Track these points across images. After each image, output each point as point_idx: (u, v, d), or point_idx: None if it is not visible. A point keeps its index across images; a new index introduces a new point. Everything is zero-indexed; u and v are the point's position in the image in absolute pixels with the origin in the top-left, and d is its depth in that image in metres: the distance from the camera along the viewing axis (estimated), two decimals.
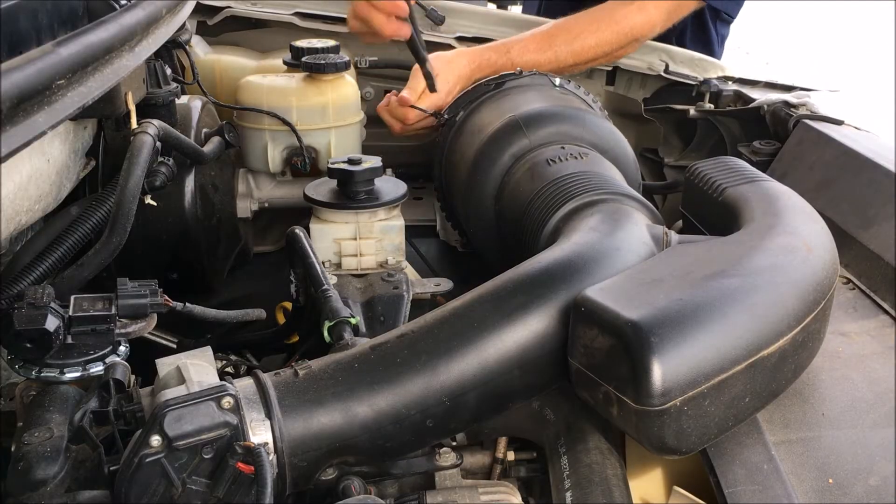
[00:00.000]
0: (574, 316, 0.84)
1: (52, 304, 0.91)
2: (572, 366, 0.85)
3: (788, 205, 1.01)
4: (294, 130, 1.54)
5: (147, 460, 0.74)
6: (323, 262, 1.25)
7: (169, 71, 1.41)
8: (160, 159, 1.24)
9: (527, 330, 0.87)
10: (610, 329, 0.80)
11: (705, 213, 1.11)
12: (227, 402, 0.78)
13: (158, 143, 1.18)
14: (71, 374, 0.91)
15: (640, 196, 1.13)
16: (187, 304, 1.08)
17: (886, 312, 1.08)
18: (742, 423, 0.85)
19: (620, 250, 0.95)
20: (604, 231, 0.99)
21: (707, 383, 0.78)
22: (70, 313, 0.93)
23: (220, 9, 1.91)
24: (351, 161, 1.36)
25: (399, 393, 0.83)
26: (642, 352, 0.76)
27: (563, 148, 1.30)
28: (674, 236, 1.00)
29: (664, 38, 1.82)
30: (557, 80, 1.54)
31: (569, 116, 1.37)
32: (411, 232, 1.46)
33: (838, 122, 1.46)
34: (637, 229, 1.00)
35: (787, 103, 1.54)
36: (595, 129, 1.36)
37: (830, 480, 0.82)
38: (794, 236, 0.93)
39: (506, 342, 0.86)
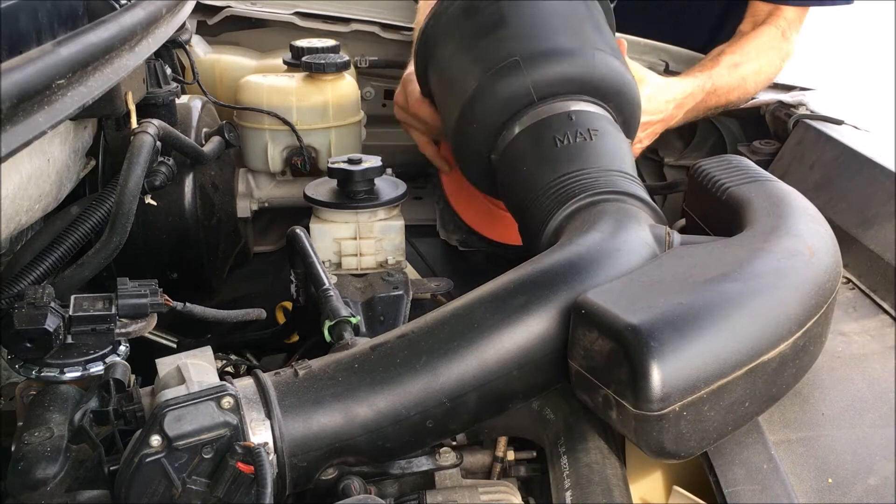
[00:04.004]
0: (574, 318, 0.84)
1: (52, 304, 0.91)
2: (572, 368, 0.85)
3: (792, 206, 1.00)
4: (294, 130, 1.54)
5: (147, 460, 0.74)
6: (323, 262, 1.25)
7: (169, 71, 1.41)
8: (160, 159, 1.24)
9: (527, 331, 0.86)
10: (610, 332, 0.79)
11: (708, 213, 1.10)
12: (227, 402, 0.78)
13: (158, 143, 1.18)
14: (71, 374, 0.91)
15: (643, 194, 1.10)
16: (187, 304, 1.08)
17: (886, 312, 1.08)
18: (741, 427, 0.85)
19: (622, 251, 0.94)
20: (606, 231, 0.99)
21: (706, 388, 0.77)
22: (70, 313, 0.93)
23: (220, 8, 1.90)
24: (351, 161, 1.36)
25: (399, 394, 0.83)
26: (642, 356, 0.75)
27: (571, 118, 1.18)
28: (676, 237, 0.99)
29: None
30: None
31: (575, 54, 1.22)
32: (411, 232, 1.46)
33: (838, 122, 1.46)
34: (639, 230, 0.99)
35: (786, 103, 1.55)
36: (604, 71, 1.22)
37: (830, 480, 0.82)
38: (796, 239, 0.92)
39: (506, 343, 0.86)
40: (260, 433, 0.79)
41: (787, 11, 1.72)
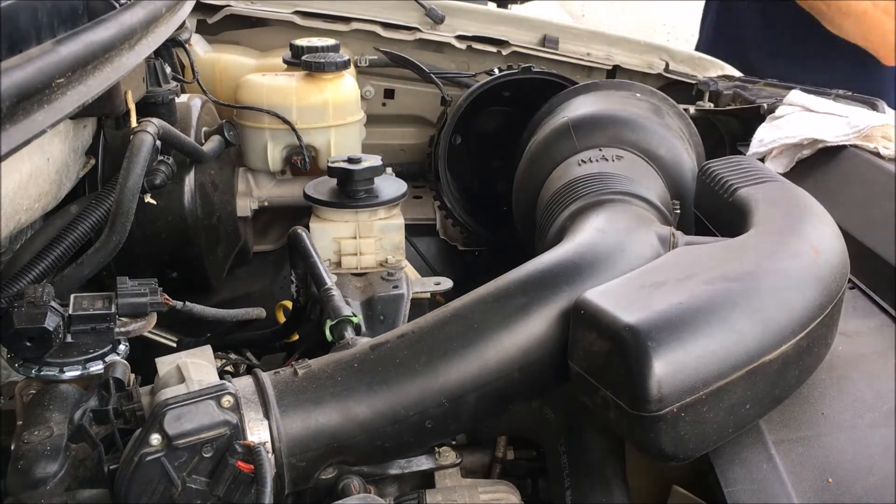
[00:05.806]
0: (574, 319, 0.84)
1: (52, 303, 0.91)
2: (572, 369, 0.85)
3: (799, 207, 0.99)
4: (294, 129, 1.54)
5: (147, 459, 0.74)
6: (323, 261, 1.25)
7: (169, 69, 1.41)
8: (160, 158, 1.24)
9: (527, 332, 0.86)
10: (608, 333, 0.79)
11: (716, 214, 1.09)
12: (226, 401, 0.78)
13: (158, 142, 1.18)
14: (71, 373, 0.91)
15: (651, 197, 1.10)
16: (187, 303, 1.08)
17: (886, 312, 1.07)
18: (743, 429, 0.84)
19: (625, 251, 0.94)
20: (608, 231, 0.98)
21: (705, 390, 0.76)
22: (70, 312, 0.93)
23: (220, 7, 1.90)
24: (351, 160, 1.36)
25: (398, 394, 0.83)
26: (639, 357, 0.75)
27: (600, 150, 1.27)
28: (680, 237, 0.98)
29: None
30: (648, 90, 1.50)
31: (620, 121, 1.32)
32: (411, 231, 1.46)
33: None
34: (642, 230, 0.99)
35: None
36: (646, 135, 1.31)
37: (830, 480, 0.82)
38: (801, 239, 0.91)
39: (506, 344, 0.86)
40: (258, 433, 0.79)
41: None
